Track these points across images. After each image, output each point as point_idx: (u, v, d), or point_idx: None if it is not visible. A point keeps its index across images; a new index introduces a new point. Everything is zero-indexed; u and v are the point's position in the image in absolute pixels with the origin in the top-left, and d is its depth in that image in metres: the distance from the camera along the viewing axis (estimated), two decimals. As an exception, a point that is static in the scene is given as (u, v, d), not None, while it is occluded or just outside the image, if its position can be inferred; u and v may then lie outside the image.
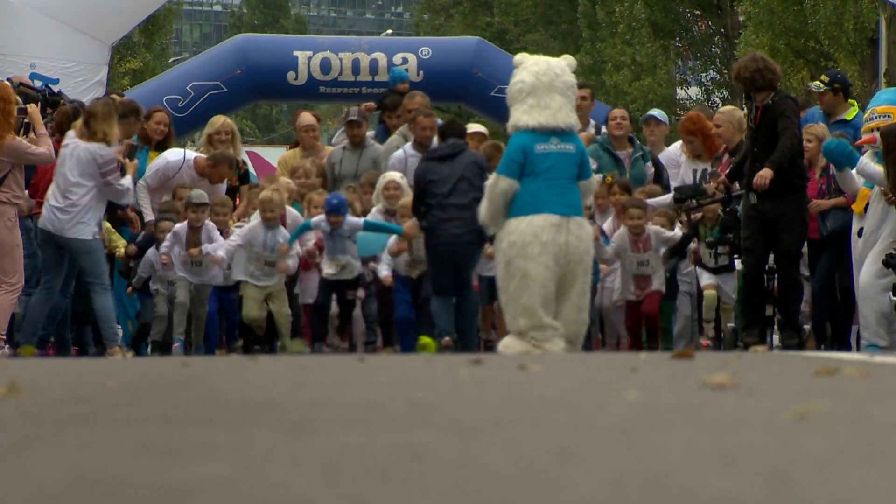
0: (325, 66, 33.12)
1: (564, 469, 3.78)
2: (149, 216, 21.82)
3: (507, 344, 19.43)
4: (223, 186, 22.49)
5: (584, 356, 16.76)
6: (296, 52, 33.86)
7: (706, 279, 22.03)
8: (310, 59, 33.60)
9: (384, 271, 22.77)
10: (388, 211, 22.50)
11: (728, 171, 20.74)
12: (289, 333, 22.49)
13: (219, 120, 23.86)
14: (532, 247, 19.40)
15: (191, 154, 22.33)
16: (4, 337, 20.15)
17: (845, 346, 20.63)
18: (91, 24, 28.34)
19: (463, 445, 4.37)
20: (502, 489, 3.39)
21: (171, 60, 69.80)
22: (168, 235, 21.48)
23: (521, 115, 20.60)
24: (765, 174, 19.21)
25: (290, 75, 32.66)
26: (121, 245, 21.99)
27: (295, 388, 7.37)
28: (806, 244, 20.76)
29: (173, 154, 22.29)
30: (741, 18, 60.15)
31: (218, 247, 21.58)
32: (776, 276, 20.06)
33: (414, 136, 23.77)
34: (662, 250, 21.88)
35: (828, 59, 51.94)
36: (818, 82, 23.36)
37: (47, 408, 5.85)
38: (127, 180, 20.55)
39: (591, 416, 5.47)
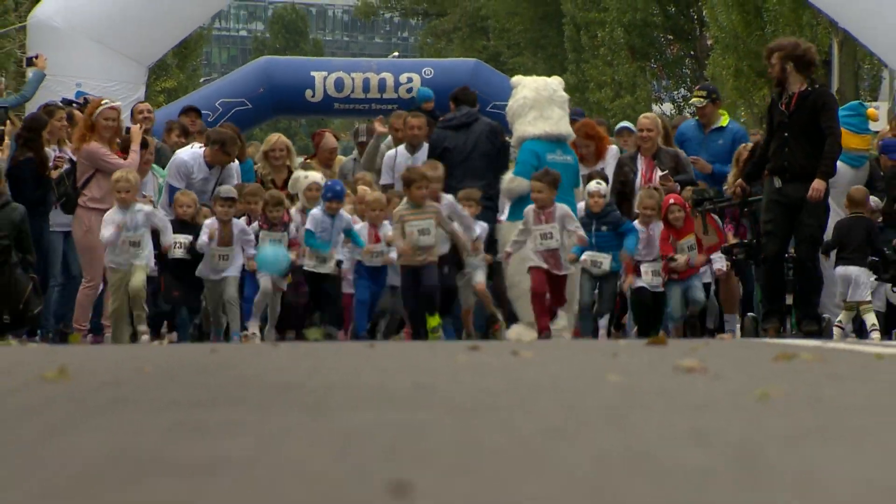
0: (339, 84, 33.15)
1: (554, 447, 3.76)
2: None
3: (518, 331, 19.38)
4: (233, 175, 22.14)
5: (570, 343, 16.73)
6: (313, 73, 33.89)
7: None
8: (325, 78, 33.63)
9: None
10: (304, 210, 21.51)
11: (746, 172, 19.70)
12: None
13: (274, 137, 23.73)
14: None
15: (199, 149, 22.13)
16: (87, 326, 20.17)
17: None
18: (130, 47, 28.32)
19: (462, 425, 4.35)
20: (498, 465, 3.37)
21: (201, 80, 69.87)
22: (203, 229, 20.78)
23: (527, 127, 20.85)
24: (818, 187, 18.25)
25: (308, 93, 32.66)
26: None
27: (311, 372, 7.35)
28: None
29: (186, 153, 22.09)
30: (709, 42, 60.26)
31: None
32: (796, 264, 18.91)
33: (404, 137, 23.60)
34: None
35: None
36: (698, 98, 23.42)
37: (90, 391, 5.84)
38: None
39: (577, 399, 5.45)
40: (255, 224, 21.04)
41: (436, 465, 3.36)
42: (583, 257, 20.10)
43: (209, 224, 20.50)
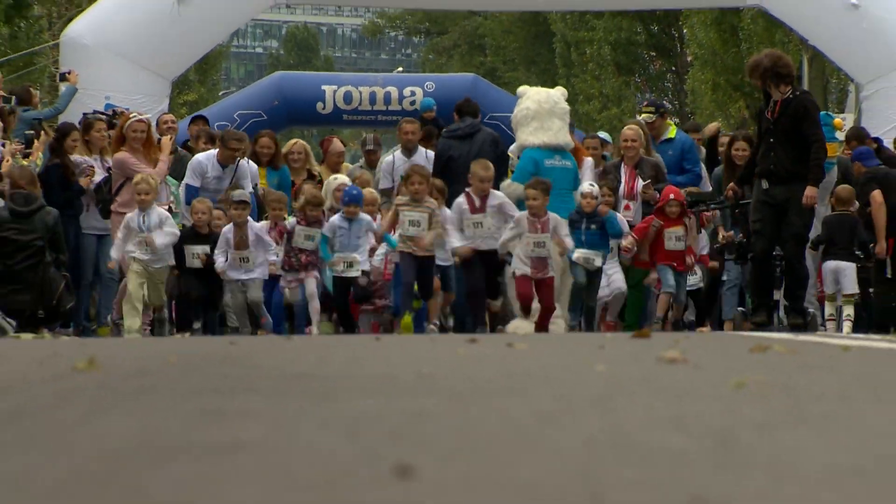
0: (348, 97, 33.12)
1: (546, 430, 3.76)
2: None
3: (516, 325, 19.36)
4: (249, 178, 22.12)
5: (561, 336, 16.70)
6: (324, 87, 33.86)
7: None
8: (335, 91, 33.60)
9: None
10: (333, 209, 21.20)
11: (739, 176, 19.32)
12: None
13: (292, 142, 23.83)
14: None
15: (214, 151, 22.09)
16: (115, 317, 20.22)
17: None
18: (155, 63, 28.28)
19: (461, 411, 4.35)
20: (494, 448, 3.37)
21: (220, 93, 69.71)
22: (220, 242, 20.49)
23: (528, 137, 20.95)
24: (811, 194, 18.05)
25: (319, 105, 32.63)
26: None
27: (320, 363, 7.34)
28: None
29: (202, 155, 22.04)
30: (689, 58, 60.25)
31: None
32: (784, 261, 18.59)
33: (399, 141, 23.56)
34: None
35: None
36: (647, 114, 23.38)
37: (118, 379, 5.84)
38: None
39: (567, 387, 5.45)
40: (293, 219, 20.86)
41: (436, 448, 3.36)
42: (575, 255, 19.95)
43: (226, 232, 20.30)
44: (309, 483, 2.77)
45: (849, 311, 20.63)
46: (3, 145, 21.13)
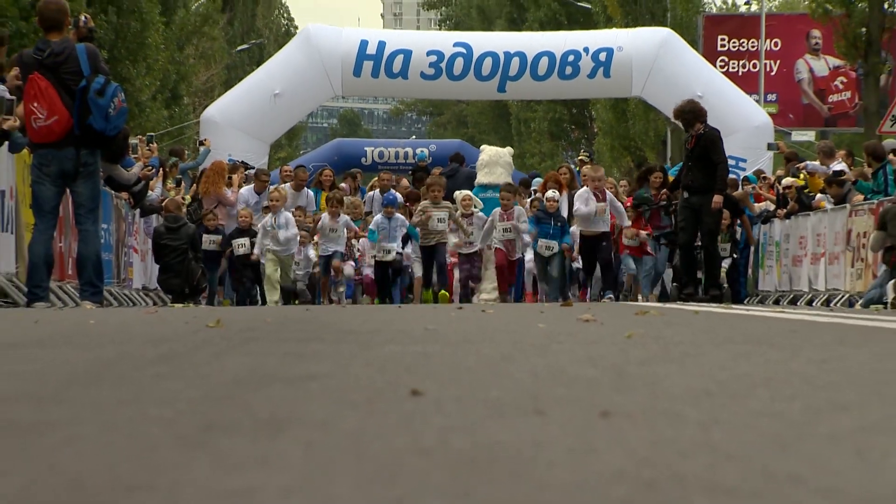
0: (381, 155, 33.66)
1: (506, 366, 3.74)
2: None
3: (485, 297, 19.48)
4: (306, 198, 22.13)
5: (513, 305, 16.66)
6: (365, 148, 34.50)
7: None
8: (373, 151, 33.99)
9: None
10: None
11: (670, 185, 18.89)
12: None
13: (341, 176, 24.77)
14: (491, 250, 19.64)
15: (251, 186, 22.04)
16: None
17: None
18: (260, 133, 28.38)
19: (452, 353, 4.33)
20: (473, 378, 3.35)
21: (301, 152, 69.86)
22: (259, 230, 19.97)
23: (482, 177, 21.44)
24: (718, 199, 17.25)
25: (363, 160, 32.96)
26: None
27: (364, 322, 7.32)
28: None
29: (245, 189, 21.91)
30: (595, 130, 60.46)
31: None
32: (702, 249, 17.66)
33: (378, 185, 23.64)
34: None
35: (641, 151, 52.26)
36: (583, 157, 24.16)
37: (234, 333, 5.81)
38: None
39: (520, 337, 5.43)
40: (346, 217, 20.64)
41: (436, 377, 3.34)
42: (539, 243, 19.83)
43: (264, 224, 19.96)
44: (356, 401, 2.75)
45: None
46: (163, 185, 21.26)
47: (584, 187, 19.60)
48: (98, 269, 11.79)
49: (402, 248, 21.01)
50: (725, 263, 21.31)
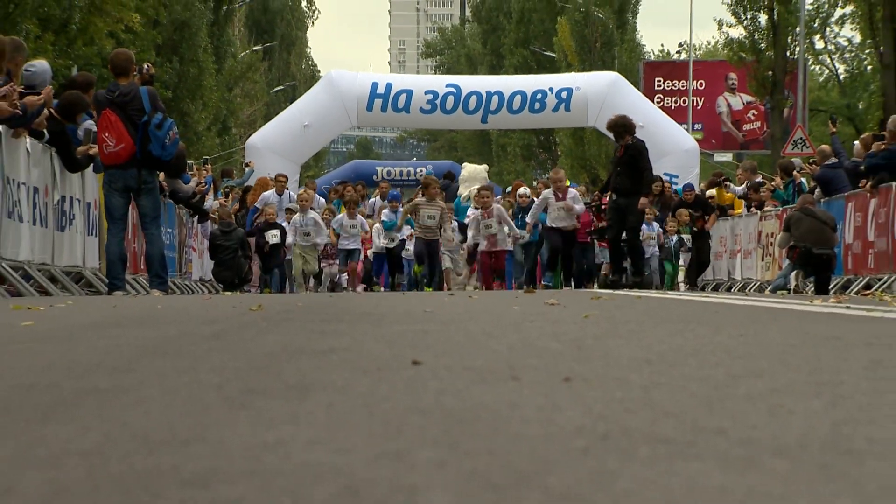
0: (389, 173, 33.56)
1: (487, 340, 3.71)
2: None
3: (471, 289, 19.15)
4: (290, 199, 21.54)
5: (493, 292, 16.65)
6: (377, 167, 34.35)
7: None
8: (382, 169, 33.95)
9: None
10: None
11: (601, 189, 17.86)
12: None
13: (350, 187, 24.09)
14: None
15: (273, 190, 21.76)
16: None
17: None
18: (292, 155, 28.32)
19: (445, 331, 4.31)
20: (462, 350, 3.33)
21: (324, 171, 69.88)
22: (289, 229, 19.42)
23: (462, 190, 21.20)
24: (644, 201, 16.48)
25: (375, 176, 32.88)
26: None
27: (376, 306, 7.30)
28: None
29: (268, 192, 21.75)
30: (559, 152, 60.47)
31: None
32: (628, 243, 16.84)
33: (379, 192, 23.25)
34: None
35: (595, 169, 52.39)
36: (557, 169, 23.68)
37: (272, 315, 5.79)
38: None
39: (498, 317, 5.41)
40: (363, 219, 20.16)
41: (433, 351, 3.31)
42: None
43: (295, 222, 19.52)
44: (368, 369, 2.73)
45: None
46: (215, 198, 21.29)
47: (549, 188, 18.99)
48: (163, 264, 11.95)
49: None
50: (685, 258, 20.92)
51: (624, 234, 16.75)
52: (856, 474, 1.39)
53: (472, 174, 22.68)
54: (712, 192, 22.63)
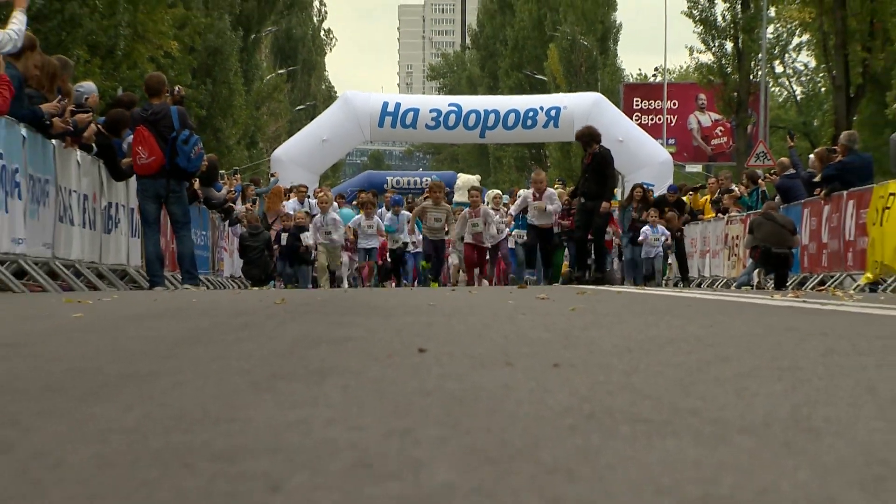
0: (398, 182, 33.57)
1: (485, 331, 3.70)
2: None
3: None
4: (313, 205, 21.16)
5: (492, 287, 16.60)
6: (387, 177, 34.30)
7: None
8: (392, 179, 33.90)
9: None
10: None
11: (570, 193, 17.61)
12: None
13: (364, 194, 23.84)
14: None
15: (295, 199, 21.61)
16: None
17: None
18: (312, 166, 28.35)
19: (447, 322, 4.29)
20: (463, 339, 3.31)
21: (341, 180, 69.81)
22: (311, 226, 19.15)
23: (457, 197, 21.17)
24: (606, 206, 15.92)
25: (385, 185, 32.85)
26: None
27: (386, 300, 7.28)
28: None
29: (290, 201, 21.69)
30: (549, 164, 60.35)
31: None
32: (593, 243, 16.51)
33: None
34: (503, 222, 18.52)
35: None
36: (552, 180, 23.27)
37: (294, 307, 5.78)
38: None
39: (495, 310, 5.40)
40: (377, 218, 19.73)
41: (436, 339, 3.30)
42: (514, 232, 18.86)
43: (315, 222, 19.17)
44: (379, 356, 2.71)
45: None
46: (243, 204, 21.30)
47: (529, 189, 18.21)
48: (192, 263, 12.10)
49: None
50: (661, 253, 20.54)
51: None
52: (814, 449, 1.38)
53: (466, 183, 22.79)
54: (685, 197, 22.76)
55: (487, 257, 18.33)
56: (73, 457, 1.35)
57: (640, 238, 20.04)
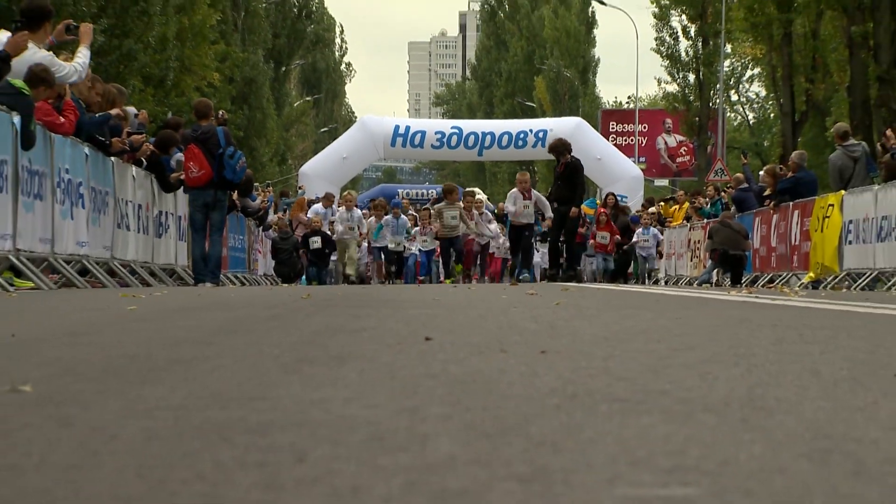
0: (408, 194, 33.64)
1: (482, 322, 3.68)
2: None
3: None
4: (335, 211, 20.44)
5: (488, 284, 16.53)
6: (399, 190, 34.22)
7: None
8: (403, 191, 33.88)
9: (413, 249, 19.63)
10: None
11: (547, 198, 16.70)
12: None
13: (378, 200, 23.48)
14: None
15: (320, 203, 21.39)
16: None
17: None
18: (334, 180, 28.33)
19: (450, 314, 4.27)
20: (463, 330, 3.29)
21: (358, 192, 69.64)
22: (338, 221, 18.89)
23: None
24: (574, 211, 15.25)
25: (397, 197, 32.78)
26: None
27: (397, 295, 7.27)
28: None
29: (318, 205, 21.46)
30: (537, 179, 60.24)
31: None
32: (565, 243, 15.74)
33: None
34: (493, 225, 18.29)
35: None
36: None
37: (318, 302, 5.76)
38: None
39: (491, 304, 5.38)
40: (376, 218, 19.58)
41: (440, 329, 3.28)
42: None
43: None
44: (390, 344, 2.70)
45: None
46: (275, 213, 21.32)
47: (515, 189, 17.20)
48: (218, 263, 12.21)
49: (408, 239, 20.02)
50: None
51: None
52: (767, 425, 1.37)
53: (477, 196, 22.51)
54: (655, 208, 22.86)
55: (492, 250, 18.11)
56: (126, 431, 1.34)
57: (634, 239, 20.10)
